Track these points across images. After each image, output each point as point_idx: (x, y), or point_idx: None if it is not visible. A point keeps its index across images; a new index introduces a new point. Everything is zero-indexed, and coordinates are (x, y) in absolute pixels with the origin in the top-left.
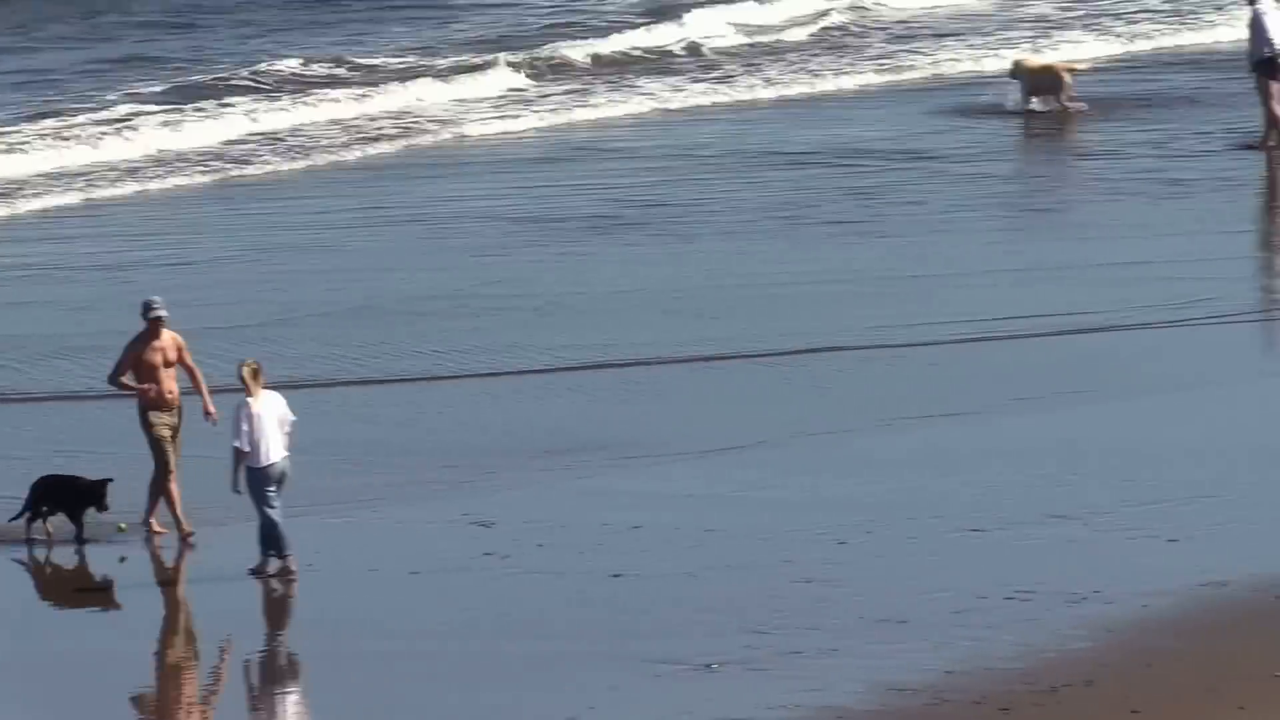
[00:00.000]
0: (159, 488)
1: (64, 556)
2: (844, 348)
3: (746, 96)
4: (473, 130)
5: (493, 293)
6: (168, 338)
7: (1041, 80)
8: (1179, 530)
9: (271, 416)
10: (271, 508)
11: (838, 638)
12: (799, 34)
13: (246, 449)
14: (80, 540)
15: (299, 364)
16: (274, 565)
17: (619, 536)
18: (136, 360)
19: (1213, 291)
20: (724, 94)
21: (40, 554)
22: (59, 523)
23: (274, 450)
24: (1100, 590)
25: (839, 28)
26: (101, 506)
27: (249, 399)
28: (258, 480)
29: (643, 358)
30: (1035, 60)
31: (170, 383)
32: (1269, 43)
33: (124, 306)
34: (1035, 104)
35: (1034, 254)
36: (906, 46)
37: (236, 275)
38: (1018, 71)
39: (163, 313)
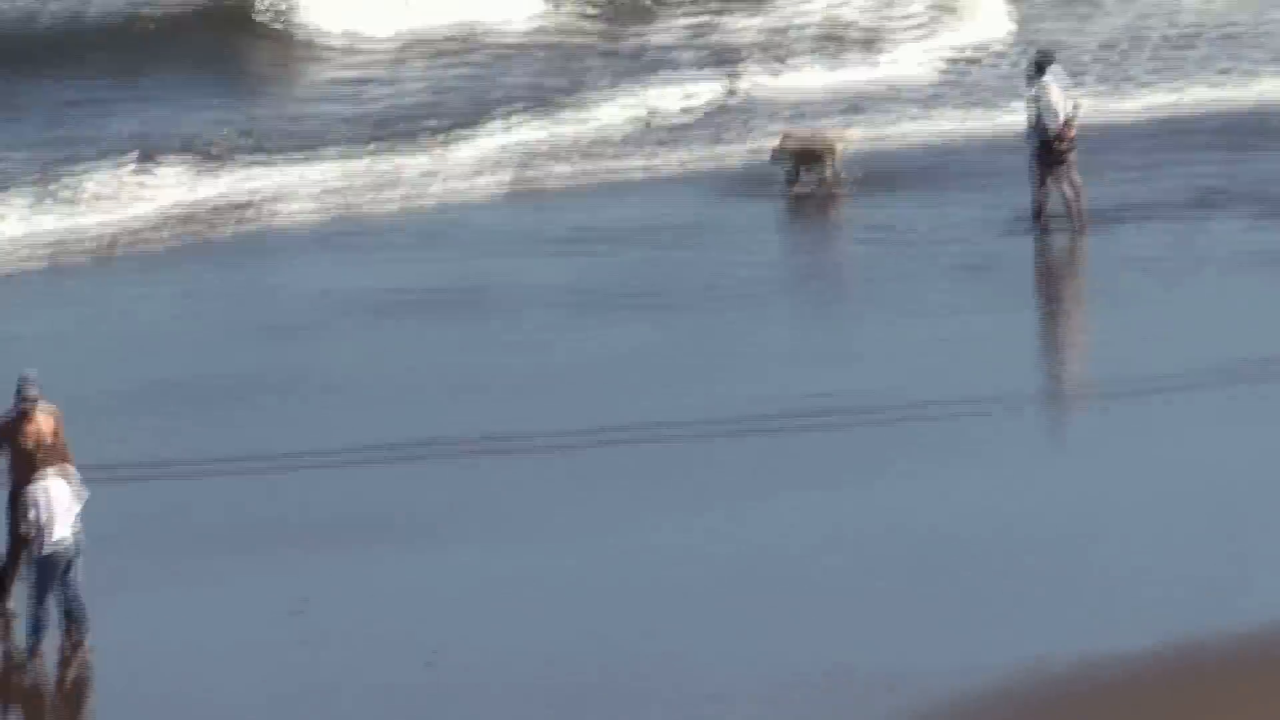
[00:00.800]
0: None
1: None
2: (633, 427)
3: (552, 181)
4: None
5: (288, 374)
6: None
7: (810, 150)
8: (995, 610)
9: (61, 495)
10: (59, 589)
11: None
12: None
13: (34, 533)
14: None
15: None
16: (66, 645)
17: (423, 621)
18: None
19: (993, 373)
20: (526, 179)
21: None
22: None
23: (61, 529)
24: (915, 673)
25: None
26: None
27: (36, 479)
28: (45, 565)
29: (435, 439)
30: (803, 132)
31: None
32: (1044, 128)
33: None
34: (806, 178)
35: (814, 335)
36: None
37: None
38: (785, 144)
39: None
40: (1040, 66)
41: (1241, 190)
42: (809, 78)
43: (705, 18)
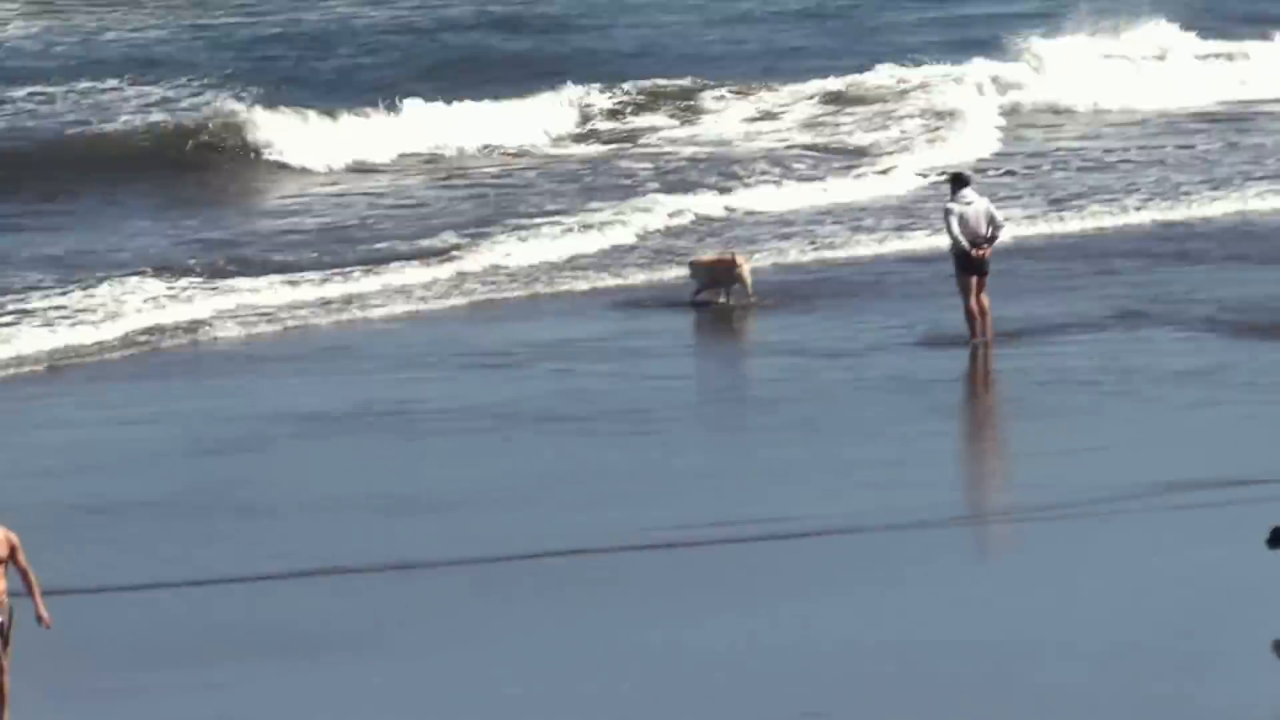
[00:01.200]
0: None
1: None
2: (547, 554)
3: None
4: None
5: (212, 493)
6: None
7: (719, 273)
8: None
9: None
10: None
11: None
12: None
13: None
14: None
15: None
16: None
17: None
18: None
19: (918, 491)
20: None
21: None
22: None
23: None
24: None
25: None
26: None
27: None
28: None
29: (357, 557)
30: (710, 255)
31: (0, 581)
32: (959, 243)
33: None
34: (714, 297)
35: (733, 454)
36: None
37: None
38: (695, 266)
39: None
40: (956, 184)
41: (1155, 309)
42: (790, 195)
43: (690, 130)
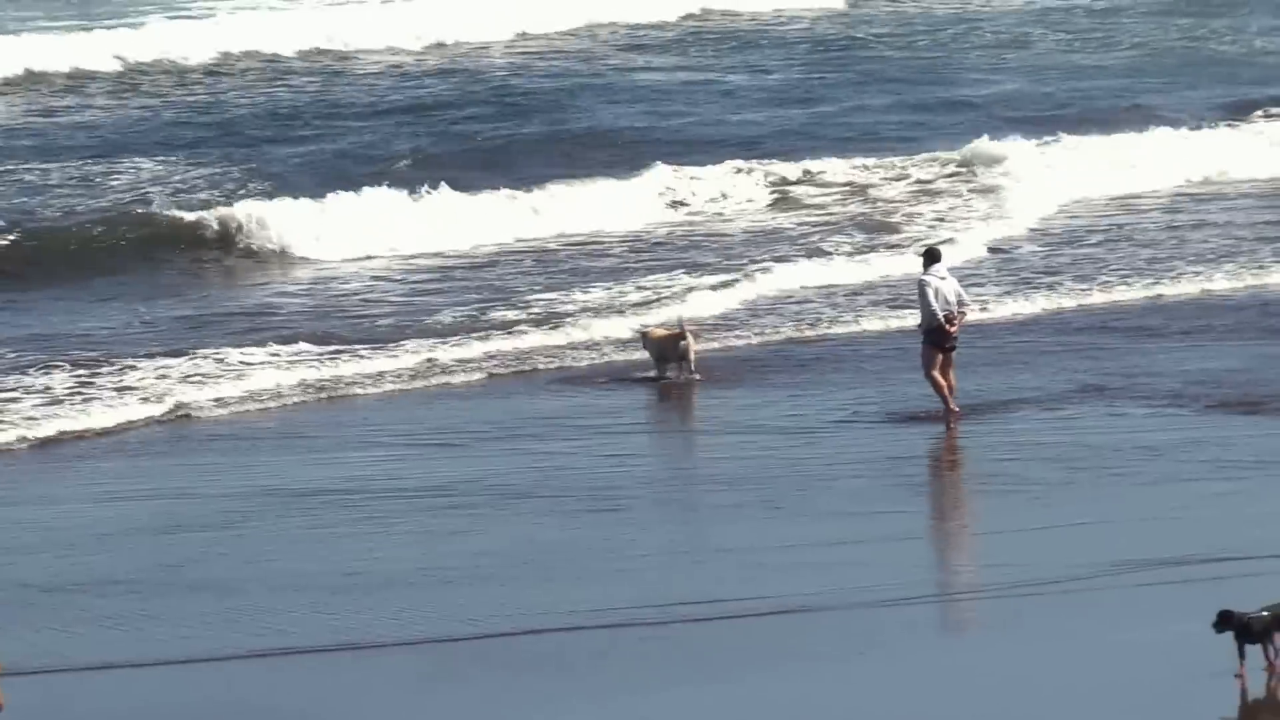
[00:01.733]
0: None
1: None
2: (470, 637)
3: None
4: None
5: (165, 574)
6: None
7: (668, 347)
8: None
9: None
10: None
11: None
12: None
13: None
14: None
15: None
16: None
17: None
18: None
19: (881, 568)
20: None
21: None
22: None
23: None
24: None
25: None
26: None
27: None
28: None
29: (312, 637)
30: (661, 330)
31: None
32: (931, 318)
33: None
34: (668, 372)
35: (672, 537)
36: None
37: None
38: (645, 340)
39: None
40: (929, 259)
41: (1121, 385)
42: (824, 271)
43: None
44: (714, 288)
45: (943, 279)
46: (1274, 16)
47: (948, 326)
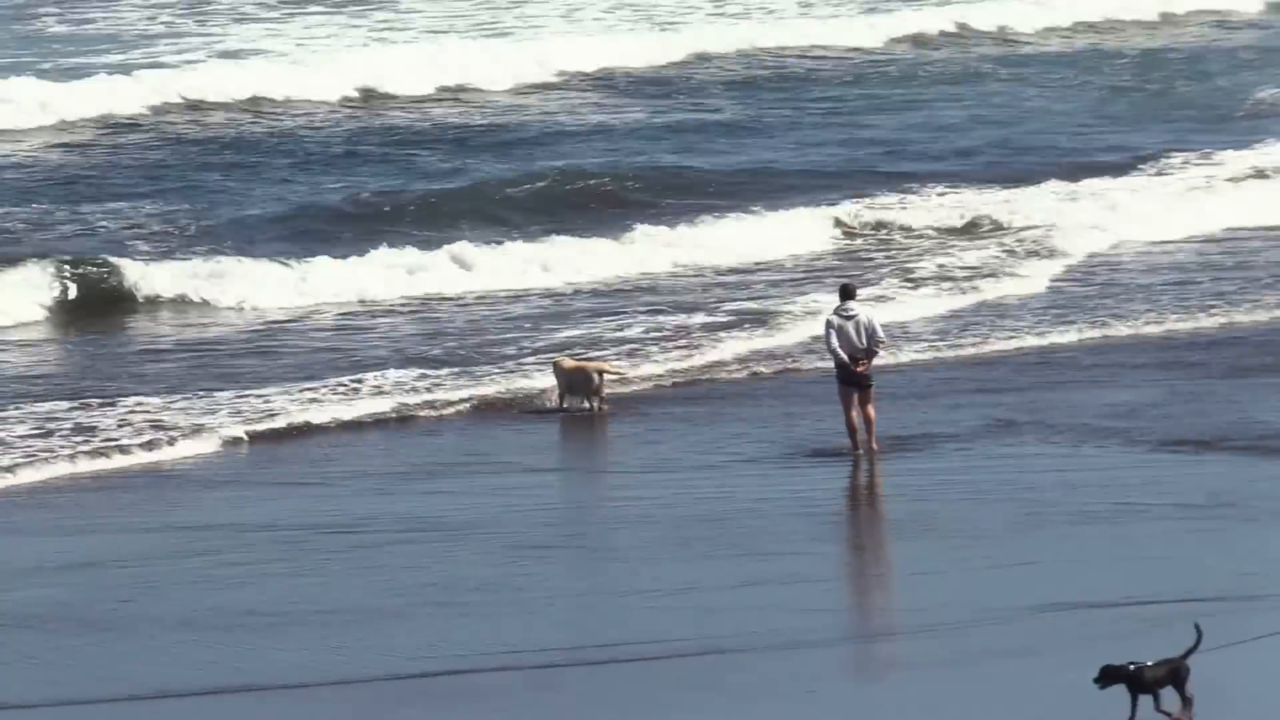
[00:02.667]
0: None
1: None
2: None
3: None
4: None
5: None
6: None
7: (575, 380)
8: None
9: None
10: None
11: None
12: None
13: None
14: None
15: None
16: None
17: None
18: None
19: (792, 610)
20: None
21: None
22: None
23: None
24: None
25: None
26: None
27: None
28: None
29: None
30: (570, 361)
31: None
32: (836, 351)
33: None
34: (569, 404)
35: (575, 578)
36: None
37: None
38: (555, 371)
39: None
40: (842, 295)
41: (1031, 420)
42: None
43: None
44: None
45: (852, 315)
46: None
47: (852, 366)
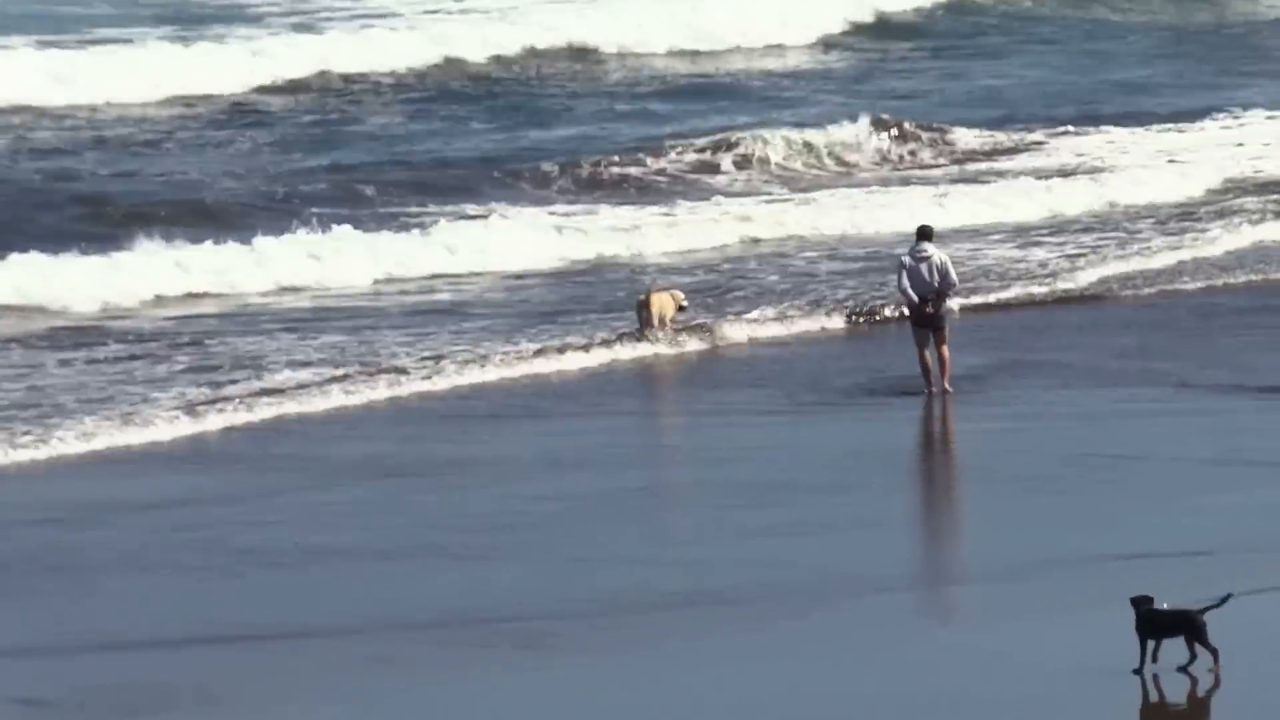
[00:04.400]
0: None
1: None
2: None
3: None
4: None
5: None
6: None
7: (657, 305)
8: None
9: None
10: None
11: None
12: None
13: None
14: None
15: None
16: None
17: None
18: None
19: (857, 553)
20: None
21: None
22: None
23: None
24: None
25: None
26: None
27: None
28: None
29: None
30: (659, 288)
31: None
32: (906, 290)
33: None
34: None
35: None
36: None
37: None
38: (642, 299)
39: None
40: (918, 236)
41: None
42: None
43: None
44: None
45: (927, 257)
46: None
47: (923, 307)
